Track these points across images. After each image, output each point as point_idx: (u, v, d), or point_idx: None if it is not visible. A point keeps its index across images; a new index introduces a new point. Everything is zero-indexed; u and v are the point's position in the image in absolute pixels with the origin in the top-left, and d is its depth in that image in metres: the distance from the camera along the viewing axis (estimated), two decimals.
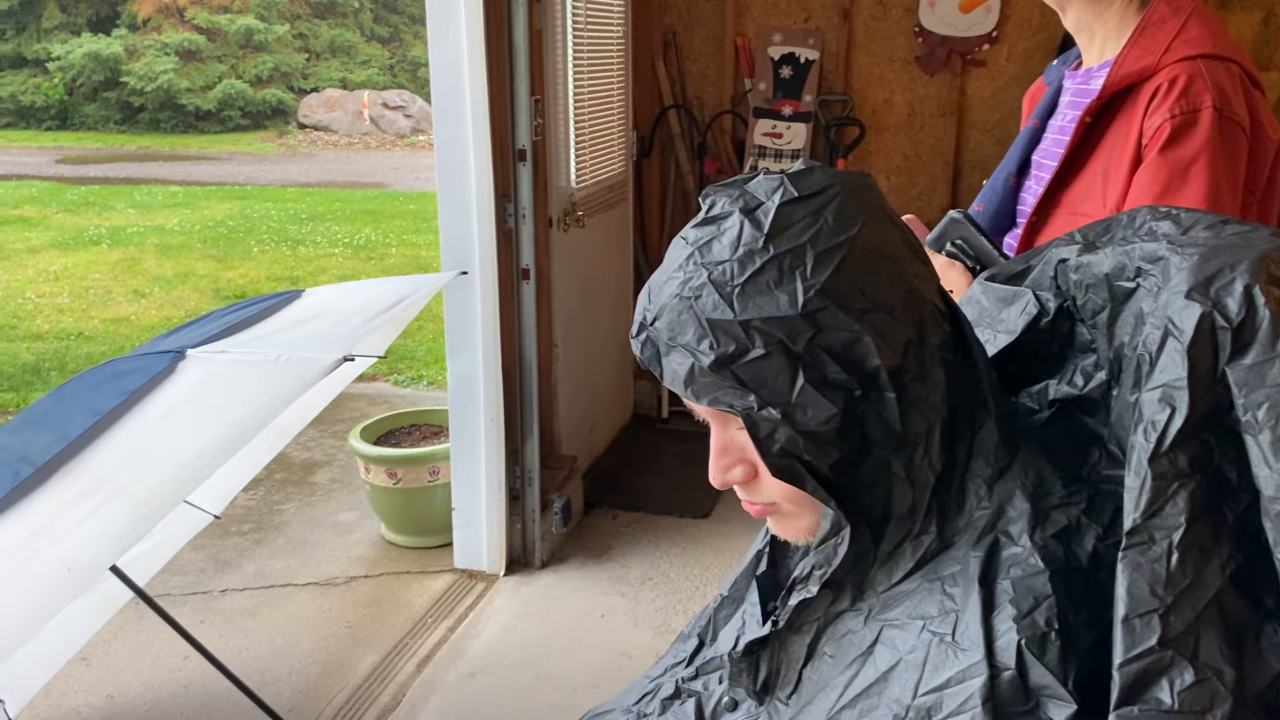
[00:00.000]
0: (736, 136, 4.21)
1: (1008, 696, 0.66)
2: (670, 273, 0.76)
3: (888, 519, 0.76)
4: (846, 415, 0.73)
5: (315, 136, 16.48)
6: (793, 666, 0.84)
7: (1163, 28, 1.48)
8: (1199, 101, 1.41)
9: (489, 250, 2.81)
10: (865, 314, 0.72)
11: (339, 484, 3.84)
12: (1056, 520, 0.72)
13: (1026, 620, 0.68)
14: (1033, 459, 0.76)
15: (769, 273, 0.72)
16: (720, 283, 0.73)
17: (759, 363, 0.72)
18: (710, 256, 0.74)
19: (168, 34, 17.66)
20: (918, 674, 0.71)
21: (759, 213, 0.74)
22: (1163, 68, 1.44)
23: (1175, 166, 1.41)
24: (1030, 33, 3.78)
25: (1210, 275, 0.67)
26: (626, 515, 3.50)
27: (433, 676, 2.65)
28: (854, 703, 0.74)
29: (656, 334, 0.76)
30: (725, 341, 0.72)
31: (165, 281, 7.38)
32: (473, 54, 2.66)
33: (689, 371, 0.74)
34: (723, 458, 0.80)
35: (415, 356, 5.50)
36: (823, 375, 0.72)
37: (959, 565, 0.73)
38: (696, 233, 0.76)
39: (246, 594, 3.06)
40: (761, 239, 0.73)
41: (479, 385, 2.93)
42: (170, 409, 1.59)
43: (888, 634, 0.75)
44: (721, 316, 0.72)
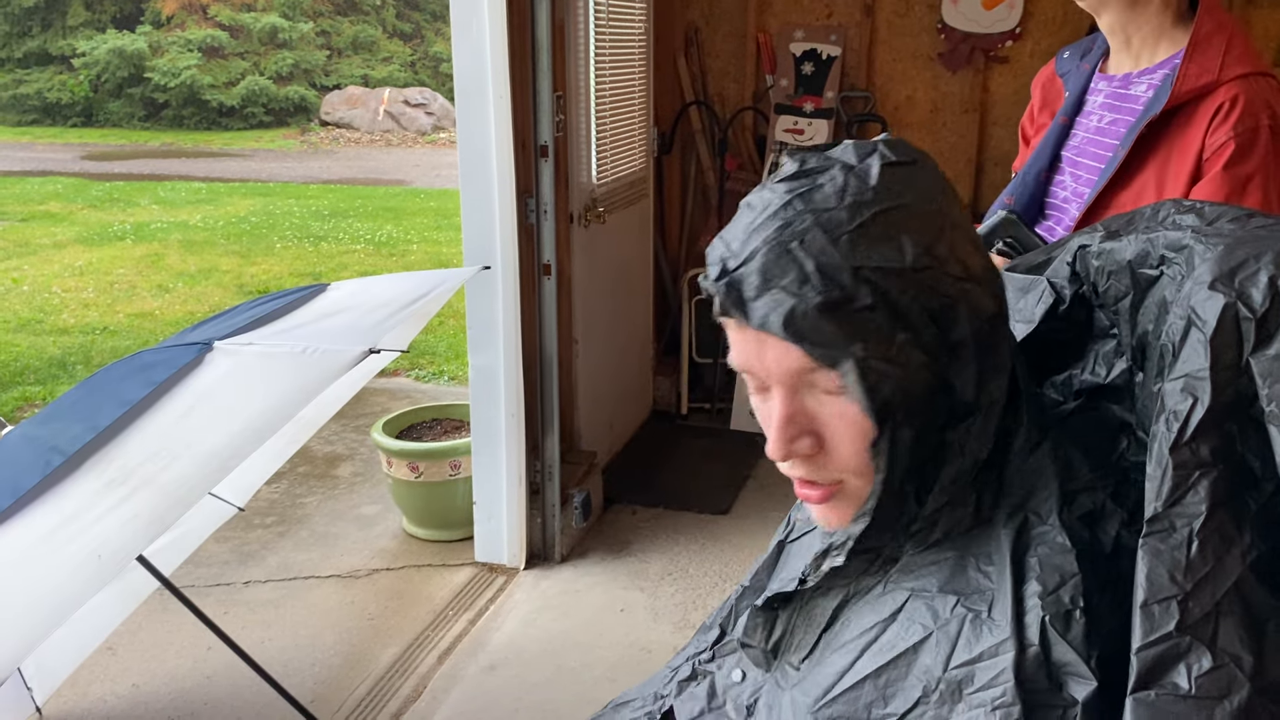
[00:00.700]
0: (758, 133, 4.21)
1: (1031, 672, 0.67)
2: (762, 218, 0.73)
3: (929, 490, 0.76)
4: (931, 379, 0.72)
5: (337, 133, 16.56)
6: (812, 630, 0.83)
7: (1212, 43, 1.54)
8: (1258, 120, 1.49)
9: (510, 246, 2.83)
10: (960, 281, 0.72)
11: (361, 477, 3.86)
12: (1083, 504, 0.73)
13: (1052, 597, 0.68)
14: (1061, 443, 0.77)
15: (878, 225, 0.71)
16: (829, 227, 0.71)
17: (864, 312, 0.70)
18: (814, 203, 0.72)
19: (191, 31, 17.78)
20: (950, 647, 0.71)
21: (860, 169, 0.73)
22: (1222, 84, 1.52)
23: (1236, 181, 1.49)
24: (1054, 29, 3.76)
25: (1235, 266, 0.67)
26: (646, 511, 3.51)
27: (453, 669, 2.67)
28: (879, 673, 0.74)
29: (743, 277, 0.72)
30: (831, 286, 0.70)
31: (189, 277, 7.44)
32: (495, 50, 2.68)
33: (789, 312, 0.70)
34: (789, 427, 0.75)
35: (437, 352, 5.52)
36: (918, 336, 0.71)
37: (993, 543, 0.74)
38: (789, 184, 0.74)
39: (269, 586, 3.09)
40: (869, 192, 0.72)
41: (500, 380, 2.95)
42: (198, 400, 1.61)
43: (915, 605, 0.74)
44: (829, 261, 0.70)
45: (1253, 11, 3.56)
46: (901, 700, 0.72)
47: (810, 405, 0.75)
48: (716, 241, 0.76)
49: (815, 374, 0.72)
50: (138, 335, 6.00)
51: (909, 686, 0.72)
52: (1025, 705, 0.66)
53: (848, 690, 0.75)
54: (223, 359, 1.70)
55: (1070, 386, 0.85)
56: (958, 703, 0.69)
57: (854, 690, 0.75)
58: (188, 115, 17.03)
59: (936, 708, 0.70)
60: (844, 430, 0.74)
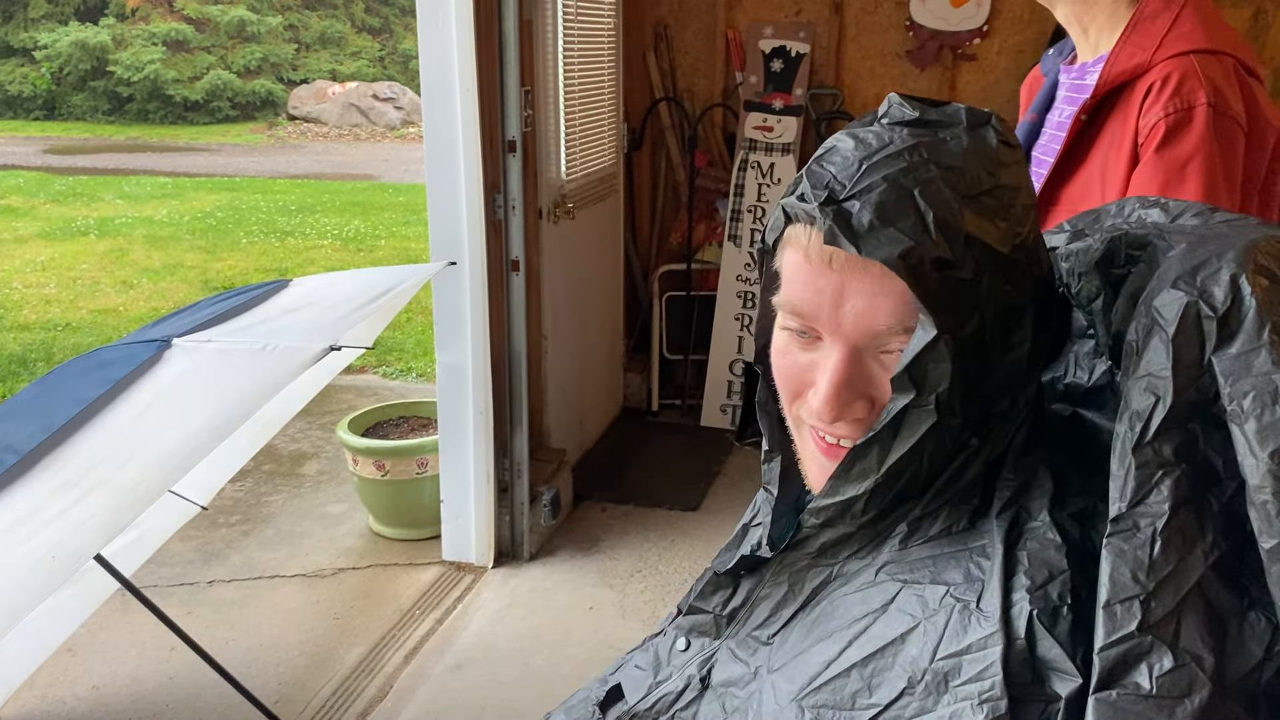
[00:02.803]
0: (727, 129, 4.21)
1: (1017, 667, 0.66)
2: (880, 155, 0.69)
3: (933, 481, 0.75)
4: (979, 379, 0.71)
5: (305, 128, 16.42)
6: (785, 605, 0.82)
7: (1155, 22, 1.48)
8: (1193, 99, 1.40)
9: (478, 242, 2.81)
10: (1035, 282, 0.72)
11: (327, 476, 3.83)
12: (1074, 503, 0.72)
13: (1040, 592, 0.67)
14: (1055, 446, 0.76)
15: (994, 199, 0.69)
16: (954, 184, 0.68)
17: (961, 284, 0.68)
18: (940, 156, 0.69)
19: (155, 24, 17.56)
20: (937, 638, 0.69)
21: (979, 138, 0.70)
22: (1155, 64, 1.44)
23: (1172, 165, 1.41)
24: (1021, 27, 3.78)
25: (1197, 264, 0.67)
26: (615, 508, 3.50)
27: (420, 668, 2.65)
28: (865, 661, 0.72)
29: (856, 208, 0.68)
30: (944, 246, 0.67)
31: (153, 272, 7.35)
32: (462, 45, 2.65)
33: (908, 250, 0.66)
34: (846, 390, 0.71)
35: (404, 349, 5.49)
36: (983, 326, 0.69)
37: (985, 537, 0.73)
38: (912, 129, 0.70)
39: (234, 585, 3.05)
40: (990, 162, 0.70)
41: (468, 377, 2.93)
42: (155, 398, 1.58)
43: (906, 596, 0.73)
44: (950, 219, 0.67)
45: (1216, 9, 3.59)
46: (887, 690, 0.70)
47: (871, 367, 0.72)
48: (814, 166, 0.71)
49: (893, 338, 0.69)
50: (101, 332, 5.91)
51: (895, 676, 0.71)
52: (1010, 699, 0.65)
53: (834, 679, 0.73)
54: (181, 356, 1.67)
55: (1055, 389, 0.85)
56: (944, 694, 0.68)
57: (840, 679, 0.73)
58: (152, 109, 16.83)
59: (922, 698, 0.69)
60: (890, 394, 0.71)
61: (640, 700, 0.92)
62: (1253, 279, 0.65)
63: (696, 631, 0.89)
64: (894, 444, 0.72)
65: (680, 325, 4.24)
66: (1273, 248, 0.67)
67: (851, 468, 0.74)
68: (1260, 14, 3.60)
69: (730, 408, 4.09)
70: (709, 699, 0.85)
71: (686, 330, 4.22)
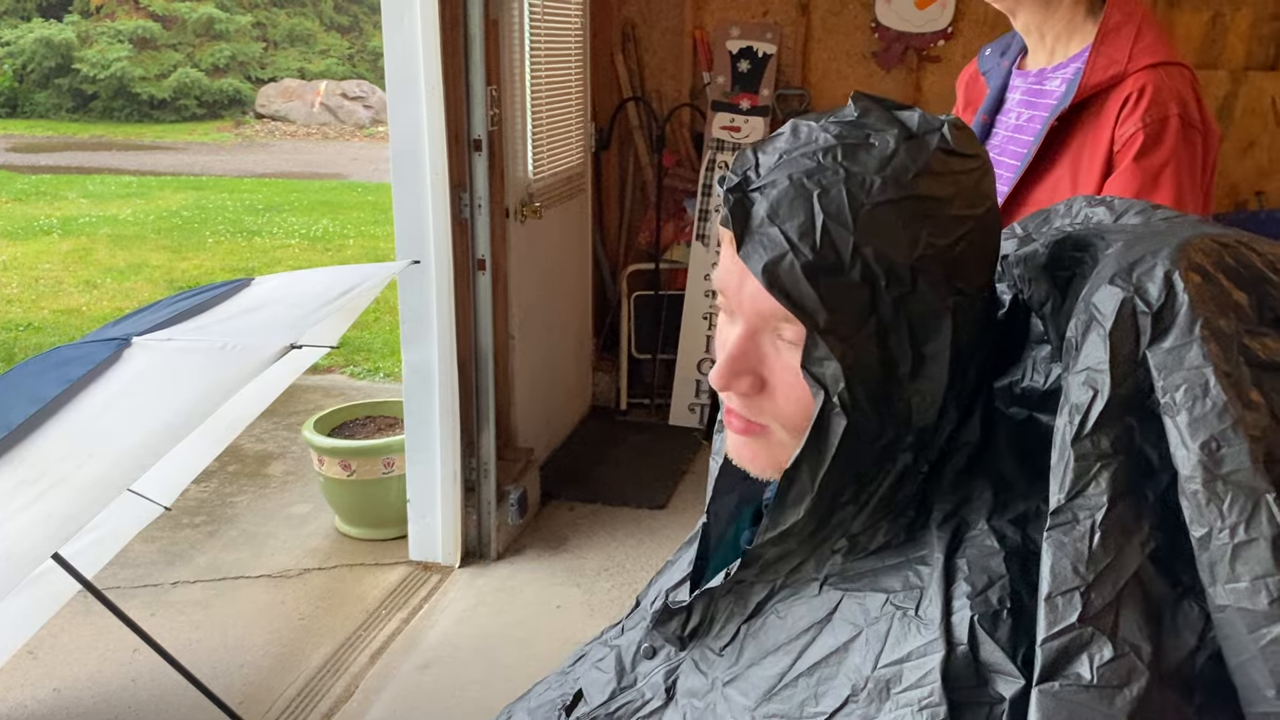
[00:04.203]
0: (695, 129, 4.22)
1: (960, 671, 0.67)
2: (801, 151, 0.71)
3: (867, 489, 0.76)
4: (889, 383, 0.72)
5: (273, 127, 16.29)
6: (733, 619, 0.83)
7: (1120, 34, 1.54)
8: (1166, 110, 1.47)
9: (444, 240, 2.80)
10: (956, 295, 0.72)
11: (293, 476, 3.80)
12: (1015, 508, 0.73)
13: (980, 598, 0.68)
14: (1001, 451, 0.77)
15: (904, 210, 0.69)
16: (854, 192, 0.69)
17: (847, 288, 0.69)
18: (855, 161, 0.70)
19: (121, 20, 17.37)
20: (879, 646, 0.71)
21: (915, 145, 0.71)
22: (1129, 75, 1.51)
23: (1147, 173, 1.48)
24: (985, 29, 3.82)
25: (1133, 262, 0.68)
26: (583, 507, 3.51)
27: (386, 668, 2.64)
28: (811, 670, 0.73)
29: (755, 200, 0.71)
30: (829, 251, 0.68)
31: (118, 272, 7.27)
32: (427, 42, 2.65)
33: (778, 259, 0.69)
34: (737, 362, 0.75)
35: (371, 349, 5.46)
36: (888, 333, 0.70)
37: (925, 546, 0.74)
38: (842, 129, 0.72)
39: (198, 586, 3.03)
40: (912, 173, 0.70)
41: (434, 376, 2.92)
42: (114, 397, 1.57)
43: (848, 605, 0.74)
44: (839, 224, 0.69)
45: (1174, 14, 3.65)
46: (832, 698, 0.72)
47: (766, 347, 0.75)
48: (749, 151, 0.74)
49: (783, 323, 0.72)
50: (63, 332, 5.84)
51: (839, 685, 0.72)
52: (951, 704, 0.66)
53: (785, 688, 0.75)
54: (141, 355, 1.66)
55: (1012, 393, 0.86)
56: (885, 701, 0.69)
57: (790, 688, 0.74)
58: (118, 107, 16.64)
59: (865, 706, 0.70)
60: (789, 383, 0.74)
61: (603, 704, 0.92)
62: (1186, 275, 0.66)
63: (662, 640, 0.90)
64: (820, 457, 0.73)
65: (648, 324, 4.25)
66: (1206, 245, 0.69)
67: (787, 494, 0.75)
68: (1219, 18, 3.65)
69: (698, 406, 4.10)
70: (672, 709, 0.86)
71: (655, 329, 4.23)
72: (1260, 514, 0.62)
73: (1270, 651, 0.61)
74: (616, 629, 0.99)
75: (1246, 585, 0.62)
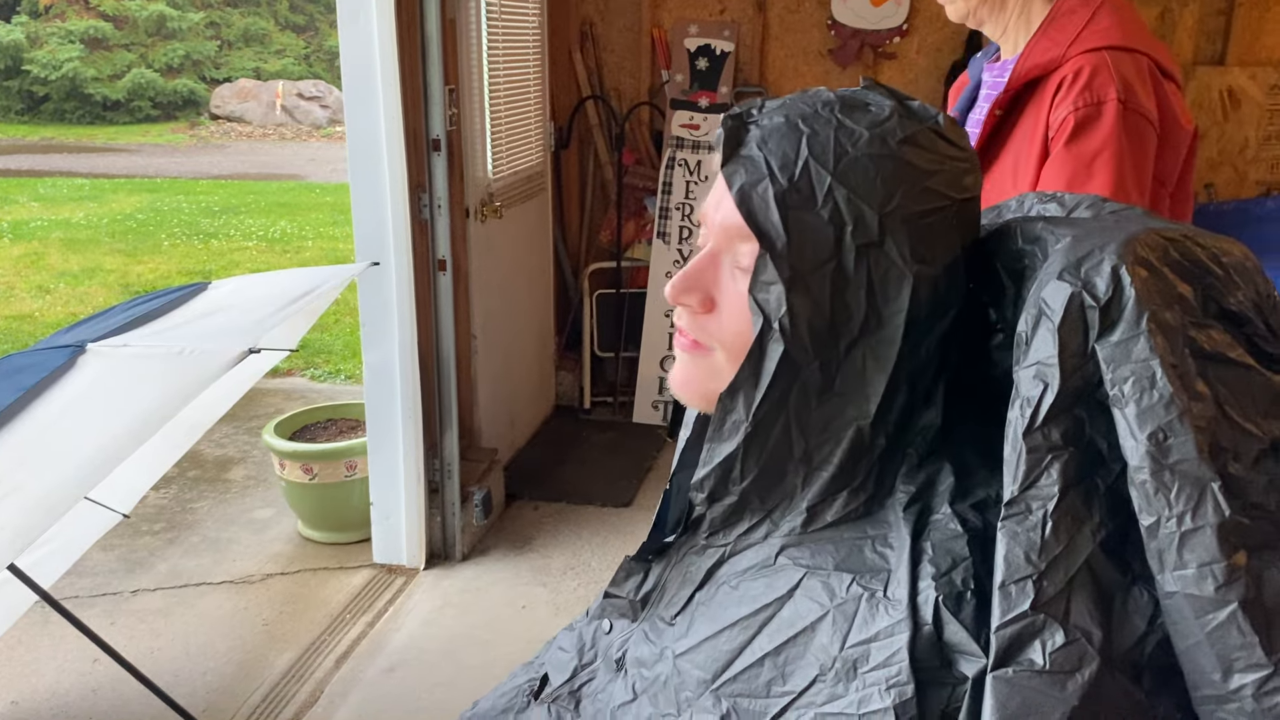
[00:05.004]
0: (655, 128, 4.23)
1: (925, 651, 0.68)
2: (806, 101, 0.77)
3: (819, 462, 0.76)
4: (839, 330, 0.73)
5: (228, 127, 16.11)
6: (684, 586, 0.83)
7: (1072, 18, 1.49)
8: (1103, 94, 1.41)
9: (404, 241, 2.79)
10: (920, 263, 0.74)
11: (254, 480, 3.77)
12: (977, 494, 0.74)
13: (944, 579, 0.70)
14: (962, 437, 0.78)
15: (884, 166, 0.73)
16: (841, 140, 0.73)
17: (813, 224, 0.72)
18: (848, 116, 0.75)
19: (72, 21, 17.09)
20: (847, 626, 0.71)
21: (908, 118, 0.76)
22: (1068, 59, 1.45)
23: (1080, 160, 1.41)
24: (939, 26, 3.85)
25: (1081, 256, 0.70)
26: (548, 506, 3.50)
27: (351, 672, 2.62)
28: (779, 650, 0.74)
29: (750, 129, 0.75)
30: (804, 184, 0.72)
31: (71, 277, 7.16)
32: (383, 42, 2.63)
33: (755, 182, 0.73)
34: (691, 278, 0.78)
35: (332, 351, 5.42)
36: (846, 280, 0.73)
37: (889, 528, 0.75)
38: (851, 92, 0.78)
39: (159, 594, 2.99)
40: (899, 138, 0.74)
41: (395, 378, 2.91)
42: (69, 404, 1.55)
43: (812, 583, 0.75)
44: (820, 164, 0.72)
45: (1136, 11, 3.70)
46: (800, 678, 0.72)
47: (724, 271, 0.78)
48: (759, 98, 0.80)
49: (743, 244, 0.75)
50: (15, 339, 5.75)
51: (806, 664, 0.72)
52: (918, 683, 0.67)
53: (749, 668, 0.75)
54: (96, 361, 1.64)
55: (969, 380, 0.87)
56: (852, 680, 0.70)
57: (755, 668, 0.75)
58: (69, 109, 16.37)
59: (832, 685, 0.71)
60: (736, 306, 0.76)
61: (565, 682, 0.93)
62: (1132, 270, 0.68)
63: (617, 614, 0.91)
64: (755, 383, 0.74)
65: (611, 323, 4.25)
66: (1152, 239, 0.70)
67: (723, 424, 0.77)
68: (1167, 13, 3.71)
69: (662, 404, 4.11)
70: (620, 679, 0.86)
71: (617, 328, 4.24)
72: (1206, 502, 0.63)
73: (1217, 636, 0.63)
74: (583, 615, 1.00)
75: (1193, 572, 0.63)
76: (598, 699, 0.88)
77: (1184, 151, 1.52)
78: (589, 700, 0.89)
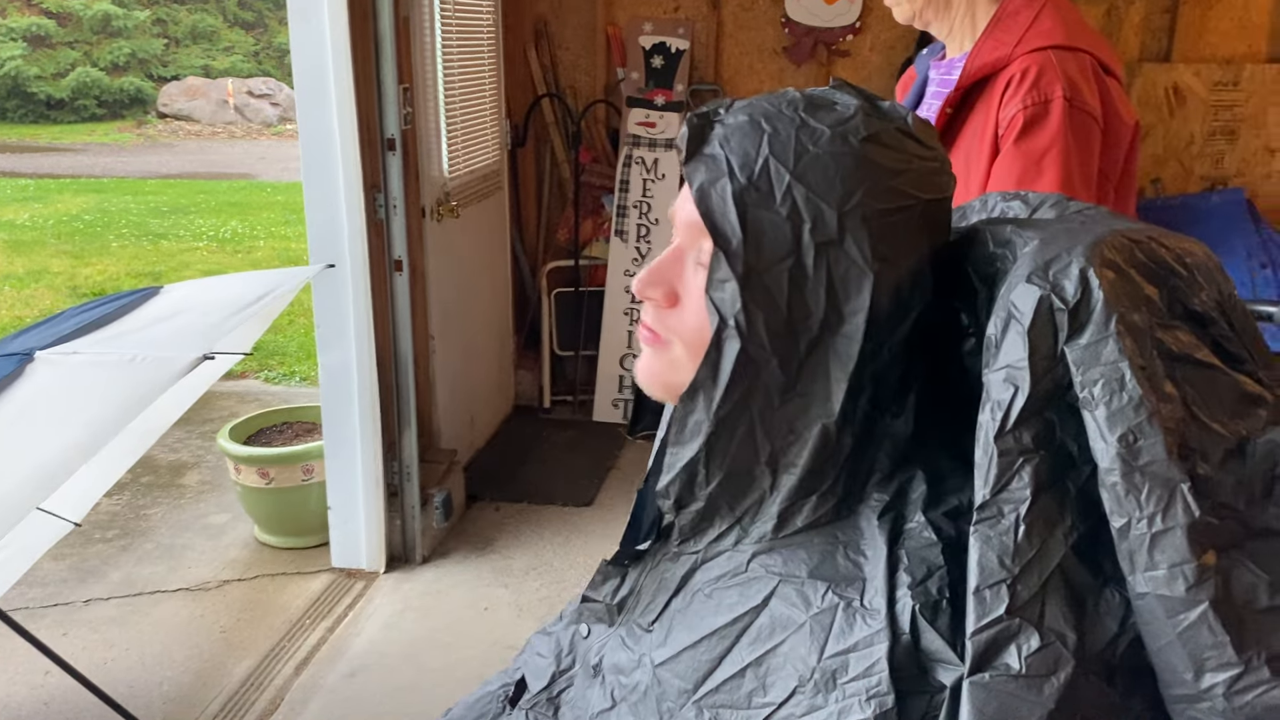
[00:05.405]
0: (611, 126, 4.21)
1: (902, 660, 0.68)
2: (772, 100, 0.77)
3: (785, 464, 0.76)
4: (797, 330, 0.73)
5: (177, 126, 15.85)
6: (660, 593, 0.83)
7: (1017, 19, 1.52)
8: (1050, 92, 1.44)
9: (359, 242, 2.75)
10: (882, 262, 0.73)
11: (209, 485, 3.71)
12: (949, 501, 0.74)
13: (920, 588, 0.70)
14: (935, 446, 0.78)
15: (844, 163, 0.72)
16: (803, 139, 0.73)
17: (771, 221, 0.72)
18: (812, 115, 0.75)
19: (13, 18, 16.73)
20: (824, 636, 0.71)
21: (874, 117, 0.75)
22: (1015, 59, 1.48)
23: (1029, 157, 1.44)
24: (892, 23, 3.85)
25: (1049, 259, 0.70)
26: (509, 507, 3.48)
27: (312, 678, 2.59)
28: (760, 661, 0.73)
29: (715, 128, 0.76)
30: (763, 182, 0.72)
31: (16, 279, 7.01)
32: (336, 40, 2.60)
33: (714, 179, 0.73)
34: (656, 273, 0.80)
35: (287, 352, 5.35)
36: (805, 278, 0.72)
37: (861, 534, 0.74)
38: (820, 92, 0.78)
39: (113, 603, 2.93)
40: (862, 137, 0.74)
41: (353, 380, 2.87)
42: (18, 414, 1.51)
43: (786, 590, 0.74)
44: (780, 162, 0.72)
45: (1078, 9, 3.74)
46: (780, 689, 0.72)
47: (689, 267, 0.79)
48: (727, 98, 0.81)
49: (705, 241, 0.76)
50: None
51: (786, 675, 0.72)
52: (898, 693, 0.67)
53: (731, 678, 0.75)
54: (45, 370, 1.60)
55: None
56: (832, 691, 0.69)
57: (737, 678, 0.74)
58: (12, 108, 16.02)
59: (811, 696, 0.70)
60: (698, 302, 0.76)
61: (544, 689, 0.92)
62: (1100, 272, 0.68)
63: (594, 618, 0.90)
64: (714, 382, 0.74)
65: (570, 321, 4.24)
66: (1118, 241, 0.71)
67: (684, 426, 0.76)
68: (1114, 10, 3.77)
69: (622, 402, 4.10)
70: (597, 685, 0.86)
71: (576, 326, 4.22)
72: (1176, 503, 0.64)
73: (1188, 636, 0.63)
74: (556, 618, 0.99)
75: (1164, 572, 0.64)
76: (576, 706, 0.88)
77: (1126, 146, 1.56)
78: (568, 707, 0.89)
